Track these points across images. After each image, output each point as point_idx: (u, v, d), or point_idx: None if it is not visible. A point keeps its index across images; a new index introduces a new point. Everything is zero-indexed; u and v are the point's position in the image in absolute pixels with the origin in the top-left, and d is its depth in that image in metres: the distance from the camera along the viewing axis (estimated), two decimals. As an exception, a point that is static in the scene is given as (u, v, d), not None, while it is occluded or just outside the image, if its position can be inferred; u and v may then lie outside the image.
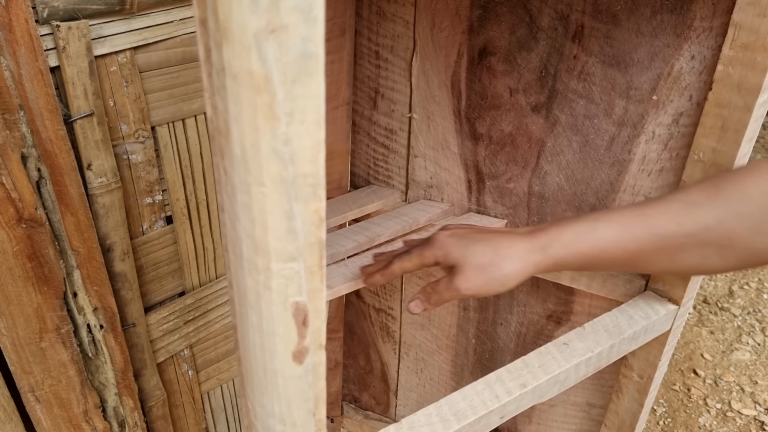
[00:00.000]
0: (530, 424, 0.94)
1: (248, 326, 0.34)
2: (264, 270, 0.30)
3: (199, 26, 0.28)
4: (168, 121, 0.80)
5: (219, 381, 1.06)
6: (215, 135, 0.30)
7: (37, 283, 0.71)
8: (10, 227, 0.67)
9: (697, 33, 0.60)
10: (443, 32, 0.76)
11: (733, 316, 2.07)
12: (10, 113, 0.63)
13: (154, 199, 0.83)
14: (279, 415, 0.37)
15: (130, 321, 0.85)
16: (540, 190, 0.78)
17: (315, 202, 0.28)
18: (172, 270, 0.90)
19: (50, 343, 0.75)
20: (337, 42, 0.81)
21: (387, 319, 1.02)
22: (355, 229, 0.82)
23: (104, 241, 0.78)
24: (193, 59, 0.80)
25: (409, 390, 1.07)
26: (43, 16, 0.64)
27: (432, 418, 0.56)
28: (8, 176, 0.65)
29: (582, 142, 0.72)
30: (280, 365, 0.34)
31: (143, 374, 0.91)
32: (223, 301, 0.99)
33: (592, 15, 0.65)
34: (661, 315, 0.68)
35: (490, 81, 0.75)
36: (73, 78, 0.68)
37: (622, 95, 0.67)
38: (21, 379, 0.75)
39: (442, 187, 0.86)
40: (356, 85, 0.88)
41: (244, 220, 0.29)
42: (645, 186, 0.70)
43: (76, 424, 0.83)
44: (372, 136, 0.90)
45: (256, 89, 0.25)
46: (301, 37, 0.24)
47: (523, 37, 0.71)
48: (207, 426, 1.08)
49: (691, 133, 0.64)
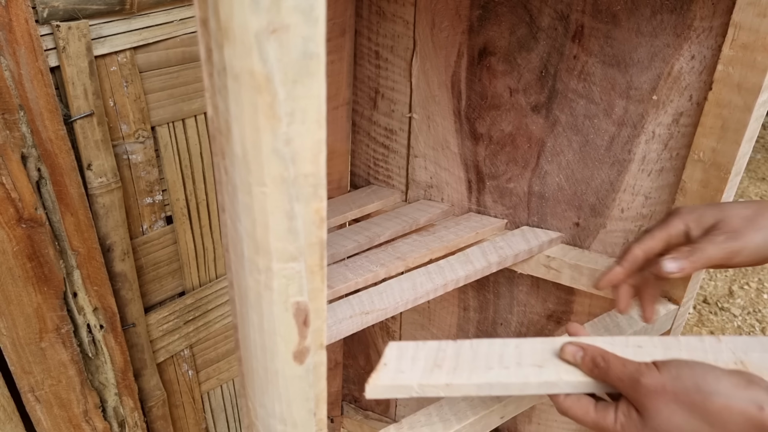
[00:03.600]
0: (530, 424, 0.94)
1: (249, 326, 0.34)
2: (265, 270, 0.30)
3: (200, 26, 0.28)
4: (168, 121, 0.80)
5: (219, 381, 1.06)
6: (216, 135, 0.30)
7: (37, 283, 0.71)
8: (10, 227, 0.67)
9: (697, 33, 0.60)
10: (443, 32, 0.76)
11: (733, 316, 2.07)
12: (10, 113, 0.63)
13: (154, 199, 0.83)
14: (280, 415, 0.37)
15: (130, 321, 0.85)
16: (540, 190, 0.78)
17: (316, 201, 0.28)
18: (172, 270, 0.90)
19: (50, 343, 0.75)
20: (337, 42, 0.81)
21: (387, 319, 1.02)
22: (355, 229, 0.82)
23: (104, 241, 0.78)
24: (193, 59, 0.80)
25: (409, 390, 1.07)
26: (43, 16, 0.64)
27: (432, 418, 0.56)
28: (8, 176, 0.65)
29: (582, 142, 0.72)
30: (281, 365, 0.34)
31: (143, 374, 0.91)
32: (223, 301, 0.99)
33: (592, 15, 0.65)
34: (661, 315, 0.68)
35: (490, 81, 0.75)
36: (73, 78, 0.68)
37: (622, 95, 0.67)
38: (21, 379, 0.75)
39: (442, 187, 0.87)
40: (356, 85, 0.88)
41: (245, 220, 0.29)
42: (645, 186, 0.70)
43: (76, 424, 0.83)
44: (372, 136, 0.90)
45: (257, 89, 0.25)
46: (302, 37, 0.24)
47: (523, 37, 0.71)
48: (207, 426, 1.08)
49: (691, 132, 0.64)
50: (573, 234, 0.78)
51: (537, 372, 0.49)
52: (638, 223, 0.72)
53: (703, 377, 0.42)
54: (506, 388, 0.49)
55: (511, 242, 0.77)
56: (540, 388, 0.49)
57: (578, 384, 0.49)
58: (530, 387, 0.49)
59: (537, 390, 0.49)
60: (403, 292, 0.70)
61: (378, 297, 0.69)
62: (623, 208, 0.73)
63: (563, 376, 0.49)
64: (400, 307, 0.69)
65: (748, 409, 0.40)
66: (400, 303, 0.69)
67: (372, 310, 0.67)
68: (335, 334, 0.65)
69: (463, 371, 0.49)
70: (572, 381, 0.49)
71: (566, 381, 0.49)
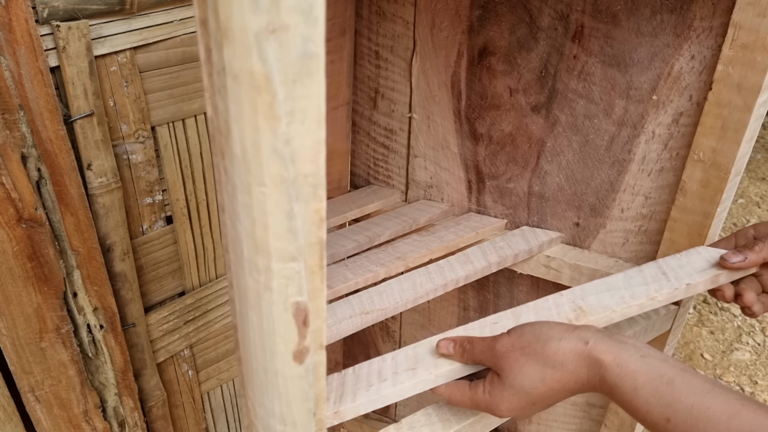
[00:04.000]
0: (530, 424, 0.94)
1: (249, 326, 0.34)
2: (264, 270, 0.30)
3: (199, 26, 0.28)
4: (168, 121, 0.80)
5: (219, 381, 1.06)
6: (216, 135, 0.30)
7: (37, 283, 0.71)
8: (10, 227, 0.67)
9: (697, 33, 0.60)
10: (443, 32, 0.76)
11: (733, 316, 2.07)
12: (10, 113, 0.63)
13: (154, 199, 0.83)
14: (279, 415, 0.37)
15: (130, 321, 0.85)
16: (540, 190, 0.78)
17: (315, 201, 0.28)
18: (172, 270, 0.90)
19: (50, 343, 0.75)
20: (337, 42, 0.81)
21: (387, 319, 1.02)
22: (355, 229, 0.82)
23: (104, 241, 0.78)
24: (193, 59, 0.80)
25: (409, 390, 1.07)
26: (43, 16, 0.64)
27: (432, 418, 0.56)
28: (8, 176, 0.65)
29: (582, 142, 0.72)
30: (281, 365, 0.34)
31: (143, 374, 0.91)
32: (223, 301, 0.99)
33: (592, 15, 0.65)
34: (661, 315, 0.68)
35: (490, 81, 0.75)
36: (73, 78, 0.68)
37: (622, 95, 0.67)
38: (21, 379, 0.75)
39: (442, 187, 0.87)
40: (356, 85, 0.88)
41: (245, 220, 0.29)
42: (645, 186, 0.70)
43: (76, 424, 0.83)
44: (372, 136, 0.90)
45: (256, 89, 0.25)
46: (302, 37, 0.24)
47: (523, 37, 0.71)
48: (207, 426, 1.08)
49: (691, 132, 0.64)
50: (573, 234, 0.78)
51: (411, 374, 0.54)
52: (638, 223, 0.72)
53: (540, 330, 0.50)
54: (385, 399, 0.53)
55: (511, 242, 0.77)
56: (417, 388, 0.54)
57: (449, 373, 0.54)
58: (407, 390, 0.54)
59: (415, 390, 0.54)
60: (403, 292, 0.70)
61: (378, 297, 0.69)
62: (623, 208, 0.73)
63: (434, 371, 0.54)
64: (400, 307, 0.69)
65: (576, 346, 0.47)
66: (400, 303, 0.69)
67: (372, 310, 0.67)
68: (335, 334, 0.65)
69: (347, 396, 0.54)
70: (443, 372, 0.54)
71: (438, 374, 0.54)
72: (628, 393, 0.45)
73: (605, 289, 0.59)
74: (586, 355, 0.47)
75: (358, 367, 0.57)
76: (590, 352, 0.47)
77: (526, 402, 0.49)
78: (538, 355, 0.49)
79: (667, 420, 0.43)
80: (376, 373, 0.55)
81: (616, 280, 0.60)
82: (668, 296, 0.57)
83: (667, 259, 0.61)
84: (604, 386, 0.46)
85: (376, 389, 0.53)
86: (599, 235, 0.76)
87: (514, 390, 0.49)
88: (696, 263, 0.59)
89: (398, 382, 0.53)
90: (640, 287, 0.58)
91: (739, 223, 2.43)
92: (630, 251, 0.74)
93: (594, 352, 0.46)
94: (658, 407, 0.43)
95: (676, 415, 0.42)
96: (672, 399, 0.43)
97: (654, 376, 0.44)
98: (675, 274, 0.58)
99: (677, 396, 0.43)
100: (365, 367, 0.57)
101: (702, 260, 0.59)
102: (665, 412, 0.43)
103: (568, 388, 0.48)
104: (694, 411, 0.42)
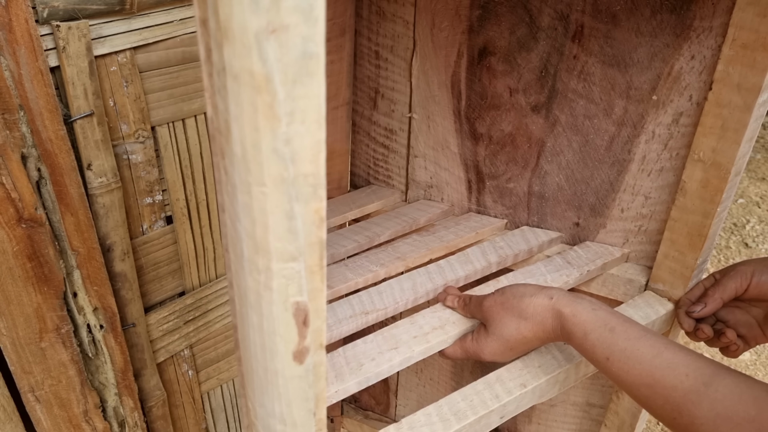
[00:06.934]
0: (530, 424, 0.94)
1: (249, 326, 0.34)
2: (264, 270, 0.30)
3: (199, 26, 0.28)
4: (168, 121, 0.80)
5: (219, 381, 1.06)
6: (216, 135, 0.30)
7: (37, 283, 0.71)
8: (10, 227, 0.67)
9: (697, 33, 0.60)
10: (443, 32, 0.76)
11: (733, 316, 2.07)
12: (10, 113, 0.63)
13: (154, 199, 0.83)
14: (279, 415, 0.37)
15: (130, 321, 0.85)
16: (540, 190, 0.78)
17: (315, 201, 0.28)
18: (172, 270, 0.90)
19: (50, 343, 0.75)
20: (337, 42, 0.81)
21: (387, 319, 1.02)
22: (355, 229, 0.82)
23: (104, 241, 0.78)
24: (193, 59, 0.80)
25: (409, 390, 1.07)
26: (43, 16, 0.64)
27: (432, 418, 0.56)
28: (8, 176, 0.65)
29: (582, 142, 0.72)
30: (281, 365, 0.34)
31: (143, 374, 0.91)
32: (223, 301, 0.99)
33: (592, 15, 0.65)
34: (661, 315, 0.68)
35: (490, 81, 0.75)
36: (73, 78, 0.68)
37: (622, 95, 0.67)
38: (21, 379, 0.75)
39: (442, 187, 0.87)
40: (356, 85, 0.88)
41: (245, 220, 0.29)
42: (645, 186, 0.70)
43: (76, 424, 0.83)
44: (372, 136, 0.90)
45: (256, 89, 0.25)
46: (302, 37, 0.24)
47: (523, 37, 0.71)
48: (207, 426, 1.08)
49: (691, 132, 0.64)
50: (573, 234, 0.78)
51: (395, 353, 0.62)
52: (638, 223, 0.72)
53: (518, 289, 0.61)
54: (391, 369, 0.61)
55: (511, 242, 0.77)
56: (425, 354, 0.63)
57: (448, 339, 0.64)
58: (414, 358, 0.62)
59: (423, 355, 0.63)
60: (403, 292, 0.70)
61: (378, 297, 0.69)
62: (623, 208, 0.73)
63: (432, 339, 0.64)
64: (400, 307, 0.69)
65: (543, 301, 0.58)
66: (400, 303, 0.69)
67: (372, 310, 0.67)
68: (335, 334, 0.65)
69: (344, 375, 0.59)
70: (443, 339, 0.64)
71: (439, 341, 0.64)
72: (580, 338, 0.54)
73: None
74: (550, 308, 0.57)
75: (352, 345, 0.63)
76: (554, 306, 0.57)
77: (504, 348, 0.60)
78: (514, 309, 0.59)
79: (606, 359, 0.52)
80: (367, 356, 0.62)
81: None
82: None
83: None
84: (564, 333, 0.56)
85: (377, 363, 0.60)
86: (599, 235, 0.76)
87: (496, 337, 0.60)
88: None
89: (407, 350, 0.62)
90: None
91: (739, 223, 2.43)
92: (630, 251, 0.74)
93: (557, 305, 0.57)
94: (601, 348, 0.53)
95: (614, 355, 0.52)
96: (611, 342, 0.52)
97: (600, 324, 0.53)
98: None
99: (615, 340, 0.52)
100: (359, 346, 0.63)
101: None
102: (605, 353, 0.52)
103: (538, 337, 0.58)
104: (627, 351, 0.51)
